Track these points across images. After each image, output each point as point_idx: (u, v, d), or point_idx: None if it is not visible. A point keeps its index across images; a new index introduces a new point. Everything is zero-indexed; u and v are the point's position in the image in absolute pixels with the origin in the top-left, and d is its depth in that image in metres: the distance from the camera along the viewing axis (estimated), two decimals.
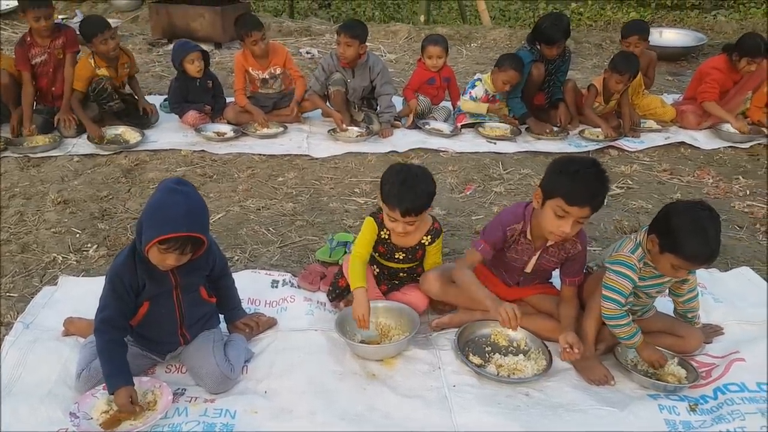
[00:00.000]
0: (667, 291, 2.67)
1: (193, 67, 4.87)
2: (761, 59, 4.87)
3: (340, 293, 2.88)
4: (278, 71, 5.02)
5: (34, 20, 4.49)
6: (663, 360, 2.50)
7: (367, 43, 4.98)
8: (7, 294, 2.95)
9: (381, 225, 2.74)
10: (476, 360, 2.57)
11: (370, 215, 2.78)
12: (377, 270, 2.91)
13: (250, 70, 4.98)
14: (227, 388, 2.39)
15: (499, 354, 2.62)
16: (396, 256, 2.80)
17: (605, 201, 2.40)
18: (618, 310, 2.45)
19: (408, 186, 2.57)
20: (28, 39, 4.60)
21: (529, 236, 2.60)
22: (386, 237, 2.74)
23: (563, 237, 2.47)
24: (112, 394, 2.17)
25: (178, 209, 2.11)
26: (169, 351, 2.48)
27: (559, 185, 2.39)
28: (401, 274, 2.88)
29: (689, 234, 2.27)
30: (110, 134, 4.72)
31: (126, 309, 2.26)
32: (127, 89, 5.07)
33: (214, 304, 2.56)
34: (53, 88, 4.75)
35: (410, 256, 2.81)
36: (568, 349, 2.47)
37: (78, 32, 4.73)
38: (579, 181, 2.35)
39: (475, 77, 5.16)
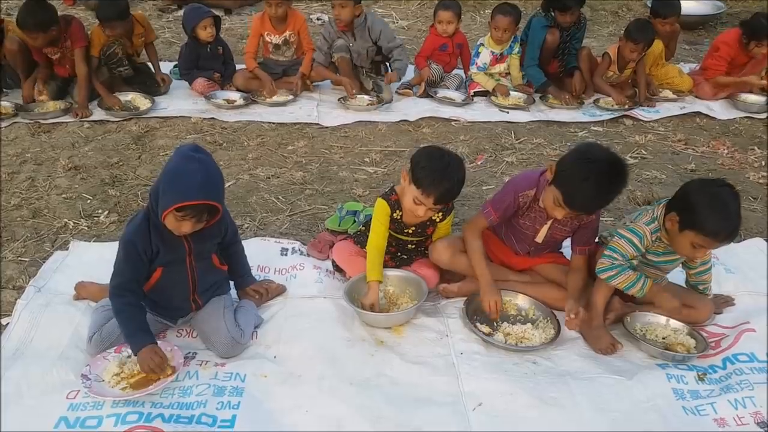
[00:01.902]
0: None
1: (206, 33, 4.82)
2: None
3: (337, 269, 2.90)
4: (293, 38, 4.97)
5: (30, 39, 4.37)
6: (679, 310, 2.49)
7: (379, 9, 4.91)
8: (19, 258, 2.98)
9: (393, 206, 2.69)
10: (484, 328, 2.57)
11: (381, 197, 2.72)
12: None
13: (265, 35, 4.93)
14: (237, 352, 2.41)
15: (508, 323, 2.63)
16: (406, 231, 2.78)
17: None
18: (607, 263, 2.45)
19: (445, 175, 2.49)
20: None
21: (541, 204, 2.57)
22: (398, 218, 2.71)
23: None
24: (137, 354, 2.20)
25: (196, 177, 2.11)
26: (181, 316, 2.50)
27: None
28: (410, 246, 2.86)
29: (710, 210, 2.25)
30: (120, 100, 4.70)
31: (139, 275, 2.27)
32: (142, 58, 5.05)
33: (226, 271, 2.57)
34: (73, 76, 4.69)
35: (420, 231, 2.79)
36: (572, 317, 2.47)
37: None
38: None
39: (478, 43, 5.08)
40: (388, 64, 5.05)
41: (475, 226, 2.71)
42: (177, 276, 2.35)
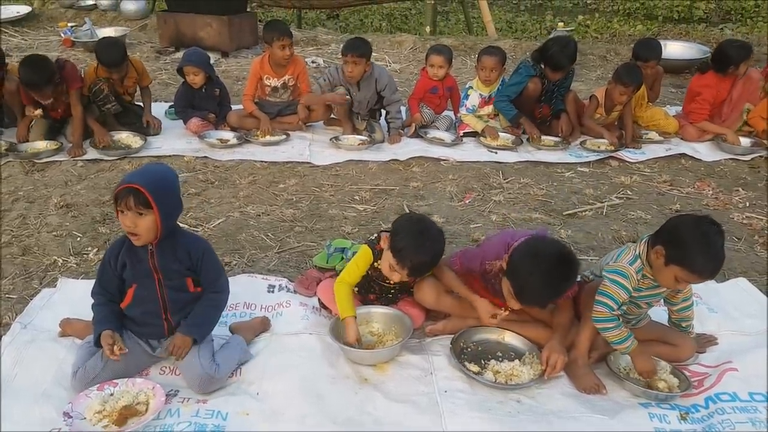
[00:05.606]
0: (661, 300, 2.68)
1: (190, 78, 4.93)
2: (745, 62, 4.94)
3: (324, 306, 2.91)
4: (291, 81, 5.08)
5: (42, 97, 4.45)
6: (654, 372, 2.49)
7: (373, 53, 5.03)
8: (7, 295, 2.99)
9: (377, 255, 2.72)
10: (473, 367, 2.56)
11: (367, 243, 2.76)
12: (367, 282, 2.86)
13: (264, 78, 5.04)
14: (213, 388, 2.39)
15: (495, 360, 2.63)
16: (387, 280, 2.78)
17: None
18: (607, 314, 2.44)
19: (422, 250, 2.54)
20: None
21: None
22: (379, 266, 2.73)
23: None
24: (97, 342, 2.33)
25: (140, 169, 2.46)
26: (156, 337, 2.49)
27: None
28: (392, 291, 2.88)
29: (698, 248, 2.28)
30: (113, 139, 4.76)
31: (108, 283, 2.42)
32: (137, 98, 5.15)
33: None
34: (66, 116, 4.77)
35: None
36: (550, 364, 2.49)
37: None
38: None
39: (466, 86, 5.21)
40: (383, 110, 5.16)
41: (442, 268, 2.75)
42: (147, 294, 2.39)
